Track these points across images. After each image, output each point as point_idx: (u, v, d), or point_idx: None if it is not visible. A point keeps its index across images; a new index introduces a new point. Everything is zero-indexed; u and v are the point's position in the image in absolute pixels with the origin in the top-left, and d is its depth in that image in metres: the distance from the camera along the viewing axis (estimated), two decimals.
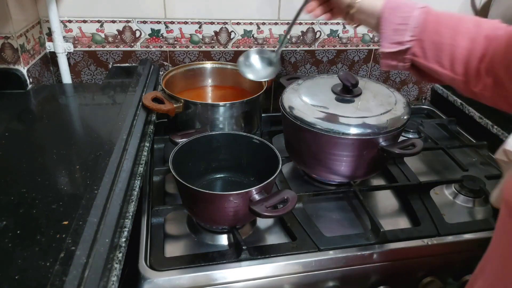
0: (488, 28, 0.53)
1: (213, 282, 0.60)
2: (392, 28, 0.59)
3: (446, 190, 0.85)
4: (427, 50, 0.57)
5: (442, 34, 0.56)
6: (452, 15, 0.57)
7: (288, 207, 0.59)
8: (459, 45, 0.54)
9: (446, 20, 0.57)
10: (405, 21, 0.58)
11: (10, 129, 0.71)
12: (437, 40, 0.56)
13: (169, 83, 0.91)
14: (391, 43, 0.60)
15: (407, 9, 0.58)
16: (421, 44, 0.57)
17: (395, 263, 0.67)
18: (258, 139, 0.74)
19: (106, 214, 0.49)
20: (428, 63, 0.58)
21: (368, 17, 0.63)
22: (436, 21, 0.57)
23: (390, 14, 0.59)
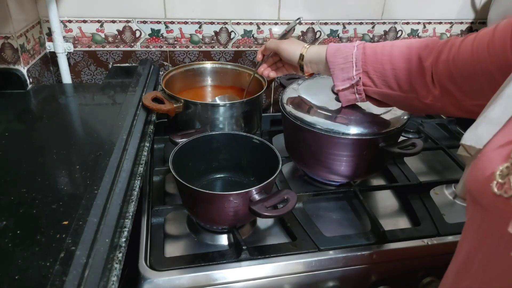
0: (419, 47, 0.60)
1: (213, 282, 0.60)
2: (339, 68, 0.68)
3: (446, 190, 0.85)
4: (374, 78, 0.65)
5: (382, 62, 0.63)
6: (385, 44, 0.65)
7: (288, 207, 0.59)
8: (398, 67, 0.62)
9: (381, 49, 0.64)
10: (347, 59, 0.67)
11: (10, 129, 0.71)
12: (378, 67, 0.64)
13: (169, 83, 0.91)
14: (342, 81, 0.68)
15: (346, 49, 0.67)
16: (367, 74, 0.66)
17: (395, 263, 0.67)
18: (258, 139, 0.74)
19: (106, 214, 0.49)
20: (379, 89, 0.66)
21: (318, 65, 0.72)
22: (373, 52, 0.65)
23: (334, 57, 0.68)
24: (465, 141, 0.38)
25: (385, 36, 1.13)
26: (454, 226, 0.71)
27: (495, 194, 0.32)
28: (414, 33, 1.14)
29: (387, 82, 0.64)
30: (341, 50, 0.67)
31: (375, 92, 0.67)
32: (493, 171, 0.32)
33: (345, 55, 0.67)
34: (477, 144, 0.37)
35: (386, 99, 0.67)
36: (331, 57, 0.68)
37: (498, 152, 0.34)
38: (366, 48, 0.66)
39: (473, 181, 0.36)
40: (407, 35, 1.14)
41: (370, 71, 0.65)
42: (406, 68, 0.61)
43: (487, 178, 0.33)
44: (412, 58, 0.60)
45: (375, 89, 0.66)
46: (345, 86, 0.68)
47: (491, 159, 0.34)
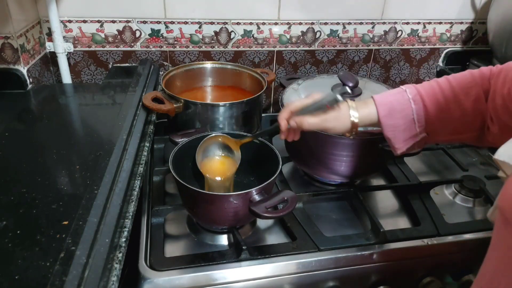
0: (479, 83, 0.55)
1: (213, 282, 0.60)
2: (400, 130, 0.59)
3: (446, 190, 0.85)
4: (437, 128, 0.58)
5: (446, 111, 0.56)
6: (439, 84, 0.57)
7: (288, 208, 0.59)
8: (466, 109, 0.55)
9: (441, 94, 0.57)
10: (407, 118, 0.58)
11: (10, 129, 0.71)
12: (443, 117, 0.56)
13: (169, 83, 0.91)
14: (405, 141, 0.60)
15: (402, 105, 0.58)
16: (432, 126, 0.58)
17: (395, 263, 0.67)
18: (258, 139, 0.74)
19: (106, 214, 0.49)
20: (442, 137, 0.59)
21: (372, 126, 0.63)
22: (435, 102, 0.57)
23: (390, 119, 0.58)
24: (499, 156, 0.36)
25: (385, 36, 1.13)
26: (454, 226, 0.71)
27: None
28: (414, 33, 1.14)
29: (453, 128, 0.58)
30: (396, 109, 0.58)
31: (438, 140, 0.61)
32: None
33: (404, 114, 0.58)
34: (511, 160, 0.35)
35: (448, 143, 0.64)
36: (387, 120, 0.59)
37: None
38: (425, 98, 0.57)
39: (506, 200, 0.33)
40: (407, 35, 1.14)
41: (435, 122, 0.58)
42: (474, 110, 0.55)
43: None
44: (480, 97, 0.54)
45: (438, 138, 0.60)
46: (408, 146, 0.61)
47: None
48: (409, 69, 1.21)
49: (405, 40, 1.15)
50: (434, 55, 1.20)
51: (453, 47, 1.20)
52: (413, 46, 1.17)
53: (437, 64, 1.22)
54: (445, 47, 1.19)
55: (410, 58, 1.19)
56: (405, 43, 1.16)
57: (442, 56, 1.21)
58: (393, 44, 1.15)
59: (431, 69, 1.22)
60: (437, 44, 1.18)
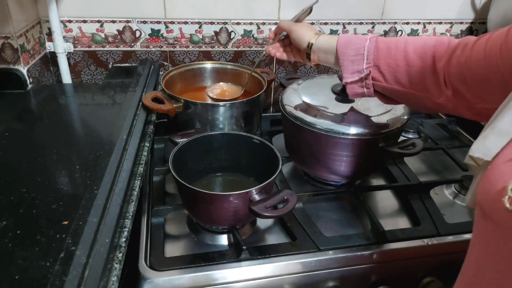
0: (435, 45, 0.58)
1: (213, 282, 0.60)
2: (349, 60, 0.65)
3: (446, 190, 0.85)
4: (385, 73, 0.62)
5: (395, 57, 0.61)
6: (398, 39, 0.62)
7: (288, 208, 0.59)
8: (412, 64, 0.59)
9: (395, 44, 0.61)
10: (359, 51, 0.64)
11: (10, 129, 0.71)
12: (391, 63, 0.61)
13: (169, 83, 0.91)
14: (351, 73, 0.65)
15: (359, 41, 0.64)
16: (378, 69, 0.63)
17: (395, 263, 0.67)
18: (258, 139, 0.74)
19: (106, 214, 0.49)
20: (388, 85, 0.63)
21: (326, 55, 0.69)
22: (387, 47, 0.62)
23: (345, 48, 0.65)
24: (473, 152, 0.37)
25: (385, 36, 1.13)
26: (454, 226, 0.71)
27: (507, 210, 0.30)
28: (414, 33, 1.14)
29: (399, 79, 0.61)
30: (353, 42, 0.65)
31: (385, 87, 0.64)
32: (505, 185, 0.31)
33: (357, 47, 0.64)
34: (485, 156, 0.36)
35: (395, 96, 0.65)
36: (342, 48, 0.65)
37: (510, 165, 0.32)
38: (379, 42, 0.63)
39: (483, 194, 0.35)
40: (407, 35, 1.14)
41: (382, 65, 0.62)
42: (420, 66, 0.59)
43: (499, 193, 0.31)
44: (426, 57, 0.58)
45: (385, 84, 0.63)
46: (354, 78, 0.65)
47: (503, 172, 0.33)
48: None
49: None
50: None
51: None
52: None
53: None
54: None
55: None
56: None
57: None
58: None
59: None
60: None
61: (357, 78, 0.65)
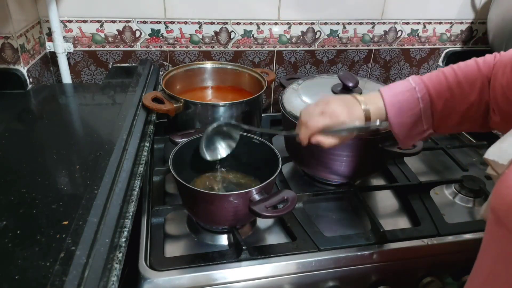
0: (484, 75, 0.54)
1: (213, 282, 0.60)
2: (407, 128, 0.59)
3: (446, 190, 0.85)
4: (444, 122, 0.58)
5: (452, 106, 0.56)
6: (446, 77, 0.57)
7: (288, 207, 0.59)
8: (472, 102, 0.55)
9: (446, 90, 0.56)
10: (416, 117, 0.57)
11: (10, 129, 0.71)
12: (450, 112, 0.57)
13: (169, 83, 0.91)
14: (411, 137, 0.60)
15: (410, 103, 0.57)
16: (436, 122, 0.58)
17: (395, 263, 0.67)
18: (258, 139, 0.74)
19: (106, 214, 0.49)
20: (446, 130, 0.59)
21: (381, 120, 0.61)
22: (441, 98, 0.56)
23: (399, 117, 0.58)
24: (489, 155, 0.36)
25: (385, 36, 1.13)
26: (454, 226, 0.71)
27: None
28: (414, 33, 1.14)
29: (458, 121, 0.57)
30: (405, 108, 0.57)
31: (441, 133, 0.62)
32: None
33: (411, 113, 0.57)
34: (500, 159, 0.35)
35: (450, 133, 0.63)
36: (395, 118, 0.58)
37: None
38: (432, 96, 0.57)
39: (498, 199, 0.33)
40: (407, 35, 1.14)
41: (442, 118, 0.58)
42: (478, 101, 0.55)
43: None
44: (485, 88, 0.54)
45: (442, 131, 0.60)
46: (414, 141, 0.62)
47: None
48: (409, 69, 1.21)
49: (405, 40, 1.15)
50: (434, 55, 1.20)
51: (453, 47, 1.20)
52: (413, 46, 1.17)
53: (437, 64, 1.22)
54: (445, 47, 1.19)
55: (410, 58, 1.19)
56: (405, 43, 1.16)
57: (442, 56, 1.21)
58: (393, 44, 1.15)
59: (431, 69, 1.22)
60: (437, 44, 1.18)
61: (419, 139, 0.61)
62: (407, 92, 0.58)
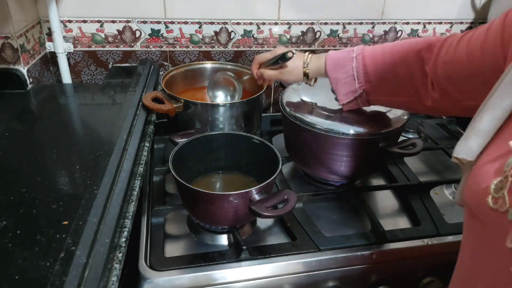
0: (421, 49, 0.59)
1: (213, 282, 0.60)
2: (341, 83, 0.68)
3: (446, 190, 0.85)
4: (377, 87, 0.65)
5: (383, 71, 0.63)
6: (384, 49, 0.64)
7: (288, 207, 0.59)
8: (401, 74, 0.61)
9: (381, 57, 0.64)
10: (348, 73, 0.66)
11: (10, 129, 0.71)
12: (381, 77, 0.64)
13: (169, 83, 0.91)
14: (345, 95, 0.69)
15: (346, 62, 0.66)
16: (370, 84, 0.66)
17: (395, 263, 0.67)
18: (258, 139, 0.74)
19: (106, 214, 0.49)
20: (381, 97, 0.67)
21: (321, 76, 0.73)
22: (374, 62, 0.64)
23: (334, 73, 0.68)
24: (457, 153, 0.39)
25: (385, 36, 1.13)
26: (454, 226, 0.71)
27: (491, 208, 0.31)
28: (414, 33, 1.14)
29: (391, 90, 0.65)
30: (340, 64, 0.67)
31: (378, 100, 0.68)
32: (488, 185, 0.32)
33: (345, 69, 0.67)
34: (468, 156, 0.37)
35: (389, 105, 0.69)
36: (332, 73, 0.69)
37: (492, 165, 0.33)
38: (366, 58, 0.65)
39: (469, 193, 0.36)
40: (407, 35, 1.14)
41: (373, 81, 0.65)
42: (408, 74, 0.61)
43: (483, 192, 0.32)
44: (414, 63, 0.60)
45: (378, 97, 0.67)
46: (349, 99, 0.69)
47: (485, 172, 0.33)
48: None
49: None
50: None
51: None
52: None
53: None
54: None
55: None
56: None
57: None
58: None
59: None
60: None
61: (352, 98, 0.69)
62: (345, 52, 0.68)
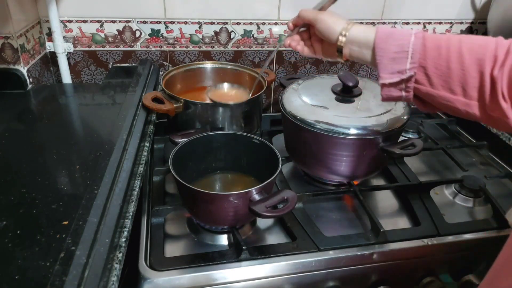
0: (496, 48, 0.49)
1: (213, 282, 0.60)
2: (389, 57, 0.55)
3: (446, 190, 0.85)
4: (432, 76, 0.53)
5: (447, 59, 0.51)
6: (450, 37, 0.53)
7: (288, 207, 0.59)
8: (468, 68, 0.50)
9: (447, 43, 0.52)
10: (402, 48, 0.53)
11: (10, 129, 0.71)
12: (442, 65, 0.52)
13: (169, 83, 0.91)
14: (390, 73, 0.55)
15: (402, 35, 0.54)
16: (424, 71, 0.53)
17: (395, 263, 0.67)
18: (258, 139, 0.74)
19: (106, 214, 0.49)
20: (435, 90, 0.53)
21: (361, 49, 0.58)
22: (436, 46, 0.52)
23: (385, 42, 0.55)
24: None
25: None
26: (454, 226, 0.71)
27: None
28: None
29: (449, 84, 0.52)
30: (395, 36, 0.54)
31: (429, 93, 0.54)
32: None
33: (400, 42, 0.54)
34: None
35: (439, 103, 0.54)
36: (381, 42, 0.55)
37: None
38: (427, 39, 0.53)
39: None
40: None
41: (429, 67, 0.52)
42: (476, 71, 0.50)
43: None
44: (485, 62, 0.49)
45: (430, 89, 0.53)
46: (393, 80, 0.55)
47: None
48: None
49: None
50: None
51: None
52: None
53: None
54: None
55: None
56: None
57: None
58: None
59: None
60: None
61: (398, 79, 0.55)
62: (402, 29, 0.56)
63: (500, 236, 0.71)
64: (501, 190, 0.86)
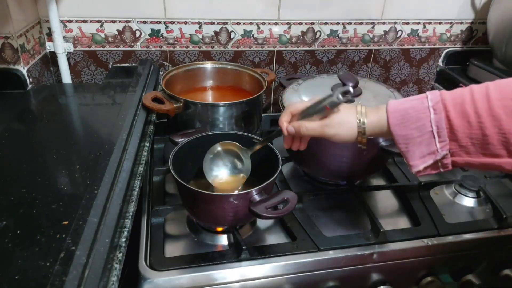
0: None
1: (213, 282, 0.60)
2: (415, 144, 0.49)
3: (446, 190, 0.85)
4: (468, 146, 0.47)
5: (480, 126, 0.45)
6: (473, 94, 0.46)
7: (289, 208, 0.59)
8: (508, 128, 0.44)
9: (472, 107, 0.46)
10: (425, 129, 0.48)
11: (10, 129, 0.71)
12: (475, 133, 0.46)
13: (169, 83, 0.91)
14: (421, 158, 0.49)
15: (418, 113, 0.48)
16: (457, 143, 0.47)
17: (395, 263, 0.67)
18: (258, 139, 0.74)
19: (106, 214, 0.49)
20: (475, 158, 0.47)
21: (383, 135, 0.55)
22: (462, 114, 0.46)
23: (402, 128, 0.49)
24: None
25: (385, 36, 1.13)
26: (454, 226, 0.71)
27: None
28: (414, 33, 1.14)
29: (490, 150, 0.46)
30: (410, 117, 0.49)
31: (468, 162, 0.48)
32: None
33: (419, 124, 0.48)
34: None
35: (481, 167, 0.48)
36: (399, 130, 0.50)
37: None
38: (449, 109, 0.47)
39: None
40: (407, 35, 1.14)
41: (461, 139, 0.47)
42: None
43: None
44: None
45: (468, 159, 0.47)
46: (427, 164, 0.49)
47: None
48: (409, 69, 1.21)
49: (405, 40, 1.15)
50: (434, 55, 1.20)
51: (453, 47, 1.20)
52: (413, 46, 1.17)
53: (437, 64, 1.22)
54: (445, 47, 1.20)
55: (410, 58, 1.19)
56: (405, 43, 1.16)
57: (442, 56, 1.21)
58: (393, 44, 1.15)
59: (431, 69, 1.22)
60: (437, 44, 1.18)
61: (431, 161, 0.49)
62: (414, 100, 0.49)
63: (500, 236, 0.71)
64: (501, 190, 0.86)
